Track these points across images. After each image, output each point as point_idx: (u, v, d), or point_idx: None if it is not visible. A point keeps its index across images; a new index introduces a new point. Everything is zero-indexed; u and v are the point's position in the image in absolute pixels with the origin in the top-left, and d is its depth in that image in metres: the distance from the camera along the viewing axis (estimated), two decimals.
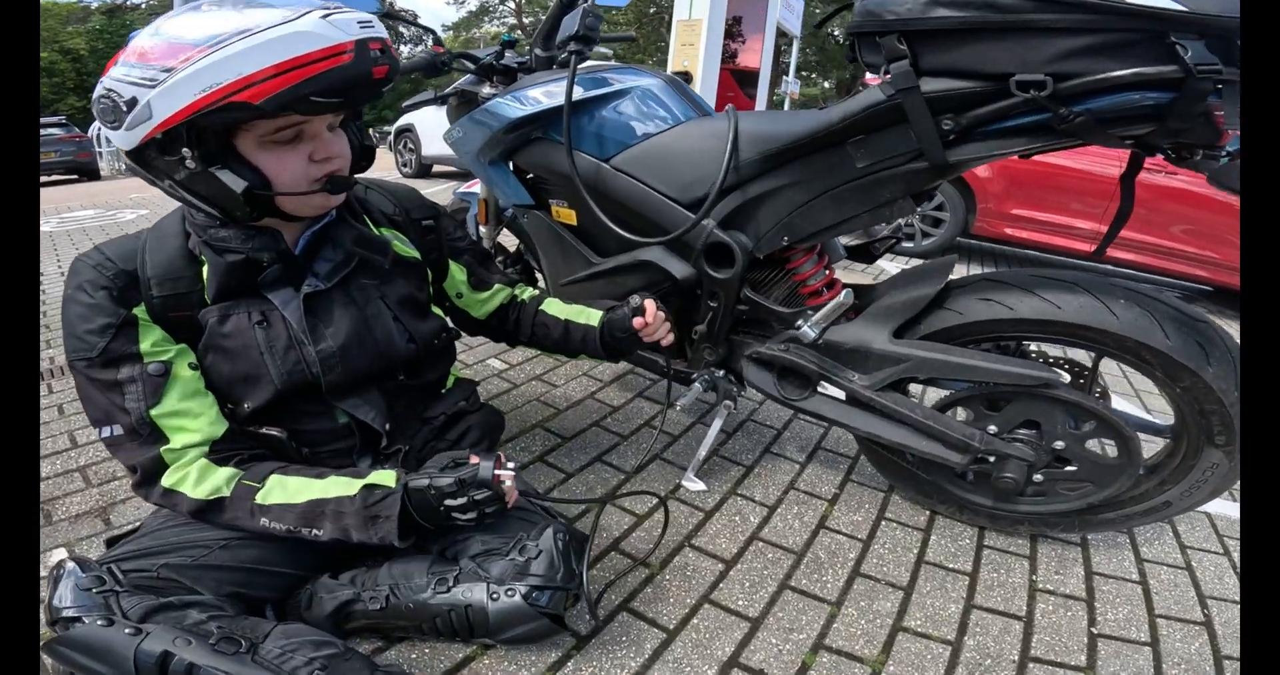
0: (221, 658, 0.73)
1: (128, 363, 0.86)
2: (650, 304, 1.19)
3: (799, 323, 1.25)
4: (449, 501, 0.87)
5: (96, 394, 0.86)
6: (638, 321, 1.18)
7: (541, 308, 1.30)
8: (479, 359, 2.19)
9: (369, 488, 0.88)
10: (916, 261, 4.36)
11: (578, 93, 1.36)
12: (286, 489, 0.89)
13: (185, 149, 0.79)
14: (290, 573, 0.95)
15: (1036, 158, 4.29)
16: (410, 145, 7.80)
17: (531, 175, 1.61)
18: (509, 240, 2.16)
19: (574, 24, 1.26)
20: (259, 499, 0.87)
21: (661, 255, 1.37)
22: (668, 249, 1.37)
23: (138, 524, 0.99)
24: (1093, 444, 1.19)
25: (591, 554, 1.18)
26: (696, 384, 1.48)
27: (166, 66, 0.75)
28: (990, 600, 1.24)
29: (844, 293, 1.17)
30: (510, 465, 0.90)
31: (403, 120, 7.84)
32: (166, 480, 0.87)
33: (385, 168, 8.26)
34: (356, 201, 1.04)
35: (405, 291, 1.05)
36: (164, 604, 0.79)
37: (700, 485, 1.51)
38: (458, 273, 1.21)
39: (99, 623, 0.73)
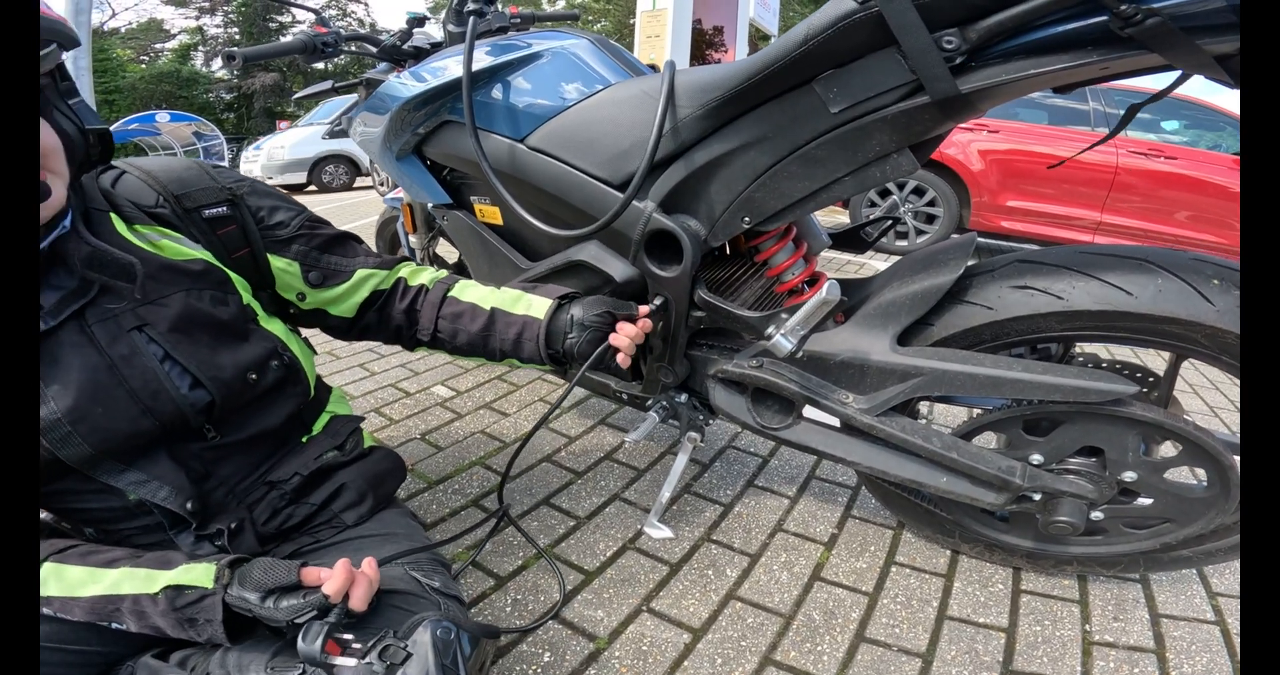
0: None
1: None
2: (643, 312, 1.01)
3: (769, 330, 0.97)
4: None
5: None
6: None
7: (452, 293, 0.99)
8: (423, 387, 1.91)
9: (175, 588, 0.66)
10: None
11: (483, 61, 1.12)
12: (64, 580, 0.68)
13: None
14: (100, 651, 0.73)
15: (1030, 148, 4.15)
16: None
17: (448, 169, 1.36)
18: (450, 252, 1.90)
19: None
20: None
21: (597, 253, 1.11)
22: (603, 244, 1.10)
23: None
24: (1172, 473, 0.92)
25: (512, 632, 0.92)
26: (653, 412, 1.21)
27: None
28: (1034, 663, 1.00)
29: (826, 286, 0.85)
30: (354, 645, 0.64)
31: None
32: None
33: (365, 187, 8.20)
34: (103, 197, 0.75)
35: (185, 311, 0.74)
36: None
37: (665, 532, 1.24)
38: (286, 269, 0.88)
39: None
